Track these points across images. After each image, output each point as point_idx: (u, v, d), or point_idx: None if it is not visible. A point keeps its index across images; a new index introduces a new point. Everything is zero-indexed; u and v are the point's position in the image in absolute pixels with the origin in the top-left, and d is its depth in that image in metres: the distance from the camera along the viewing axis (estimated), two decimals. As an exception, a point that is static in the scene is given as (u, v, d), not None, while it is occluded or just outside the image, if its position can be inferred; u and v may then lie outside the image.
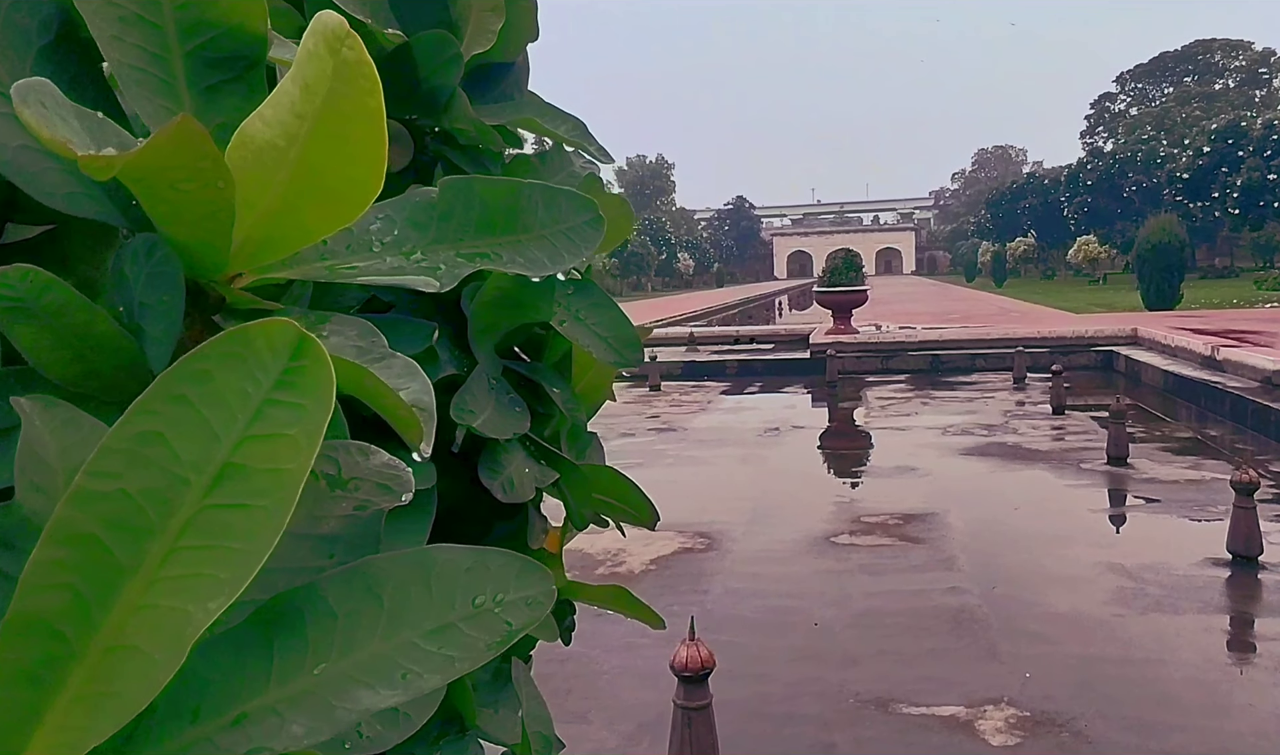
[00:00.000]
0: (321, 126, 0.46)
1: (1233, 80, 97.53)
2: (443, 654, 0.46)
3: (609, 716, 4.44)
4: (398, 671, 0.45)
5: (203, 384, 0.39)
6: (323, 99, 0.46)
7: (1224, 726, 4.13)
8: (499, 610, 0.48)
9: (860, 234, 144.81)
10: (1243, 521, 6.15)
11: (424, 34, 0.75)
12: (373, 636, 0.46)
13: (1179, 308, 26.18)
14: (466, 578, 0.49)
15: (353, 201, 0.49)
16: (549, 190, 0.65)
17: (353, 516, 0.52)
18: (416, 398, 0.49)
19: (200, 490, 0.39)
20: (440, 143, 0.83)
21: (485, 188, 0.62)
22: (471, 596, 0.48)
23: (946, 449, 10.29)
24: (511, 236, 0.62)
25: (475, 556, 0.49)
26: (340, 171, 0.48)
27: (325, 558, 0.49)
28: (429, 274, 0.55)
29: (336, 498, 0.53)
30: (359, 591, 0.47)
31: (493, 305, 0.78)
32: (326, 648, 0.45)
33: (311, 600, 0.46)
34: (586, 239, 0.64)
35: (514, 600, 0.49)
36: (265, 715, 0.42)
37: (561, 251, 0.64)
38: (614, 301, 0.86)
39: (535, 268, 0.62)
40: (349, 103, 0.46)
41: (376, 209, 0.59)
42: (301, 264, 0.54)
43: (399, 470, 0.54)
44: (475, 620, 0.47)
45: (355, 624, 0.46)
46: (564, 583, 1.02)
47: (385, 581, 0.47)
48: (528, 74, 0.91)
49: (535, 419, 0.86)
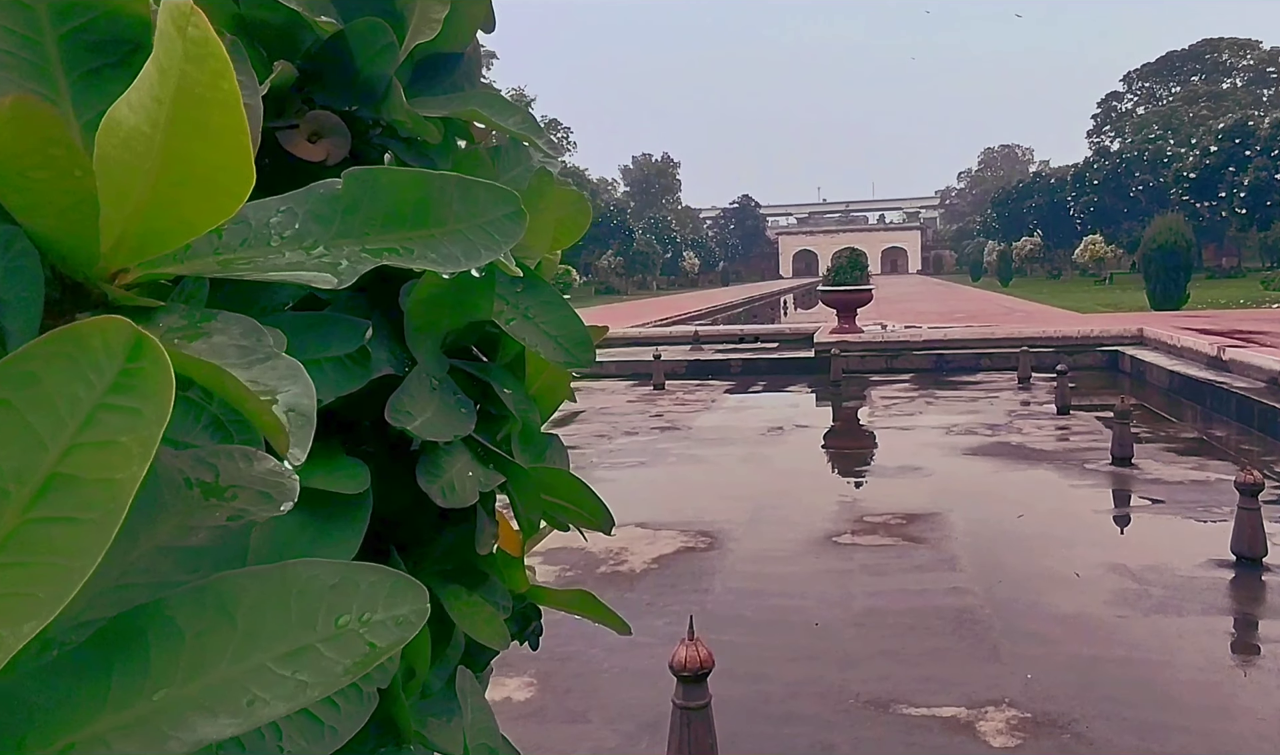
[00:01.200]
0: (179, 111, 0.44)
1: (1240, 79, 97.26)
2: (295, 679, 0.43)
3: (609, 715, 4.42)
4: (243, 698, 0.42)
5: (28, 387, 0.37)
6: (176, 81, 0.43)
7: (1227, 728, 4.10)
8: (364, 631, 0.45)
9: (866, 233, 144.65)
10: (1247, 523, 6.12)
11: (358, 21, 0.73)
12: (222, 659, 0.43)
13: (1186, 308, 26.10)
14: (331, 595, 0.46)
15: (228, 192, 0.47)
16: (465, 182, 0.62)
17: (225, 528, 0.50)
18: (295, 401, 0.46)
19: (21, 503, 0.35)
20: (385, 136, 0.81)
21: (393, 179, 0.59)
22: (335, 615, 0.45)
23: (950, 449, 10.25)
24: (424, 231, 0.59)
25: (344, 572, 0.47)
26: (206, 159, 0.45)
27: (191, 572, 0.47)
28: (328, 270, 0.53)
29: (210, 507, 0.50)
30: (210, 610, 0.44)
31: (430, 303, 0.75)
32: (170, 671, 0.42)
33: (158, 620, 0.43)
34: (507, 233, 0.61)
35: (382, 620, 0.46)
36: (94, 746, 0.39)
37: (479, 246, 0.60)
38: (565, 300, 0.84)
39: (449, 263, 0.58)
40: (202, 86, 0.43)
41: (278, 201, 0.57)
42: (192, 259, 0.51)
43: (284, 477, 0.51)
44: (336, 642, 0.44)
45: (204, 645, 0.43)
46: (528, 586, 1.00)
47: (240, 599, 0.44)
48: (479, 65, 0.89)
49: (487, 420, 0.84)
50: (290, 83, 0.74)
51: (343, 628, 0.44)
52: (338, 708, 0.55)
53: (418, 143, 0.81)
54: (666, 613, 5.62)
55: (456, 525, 0.83)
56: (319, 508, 0.68)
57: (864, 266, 20.52)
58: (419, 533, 0.82)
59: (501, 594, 0.89)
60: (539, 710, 4.48)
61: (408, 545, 0.82)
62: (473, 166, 0.85)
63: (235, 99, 0.42)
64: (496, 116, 0.82)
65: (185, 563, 0.48)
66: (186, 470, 0.49)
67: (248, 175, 0.45)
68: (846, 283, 19.96)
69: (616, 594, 5.96)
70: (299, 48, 0.74)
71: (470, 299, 0.77)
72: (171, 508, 0.44)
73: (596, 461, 10.27)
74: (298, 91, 0.75)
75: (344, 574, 0.45)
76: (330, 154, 0.74)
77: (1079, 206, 72.63)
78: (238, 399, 0.44)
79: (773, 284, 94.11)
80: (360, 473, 0.69)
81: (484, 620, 0.83)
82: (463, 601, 0.83)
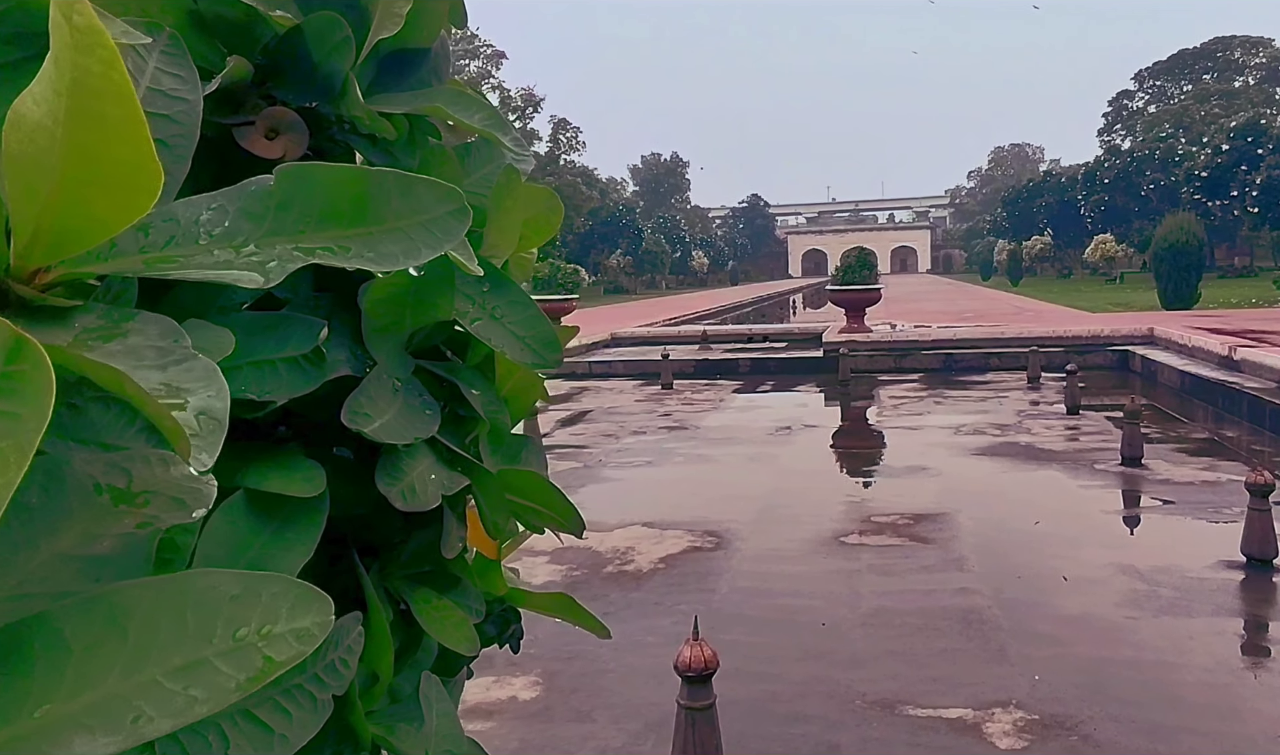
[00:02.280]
0: (76, 103, 0.42)
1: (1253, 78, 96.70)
2: (186, 694, 0.41)
3: (615, 715, 4.41)
4: (129, 715, 0.40)
5: (-103, 392, 0.35)
6: (70, 72, 0.41)
7: (1236, 730, 4.07)
8: (262, 644, 0.43)
9: (875, 232, 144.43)
10: (1258, 524, 6.07)
11: (314, 16, 0.71)
12: (110, 674, 0.41)
13: (1197, 307, 25.98)
14: (231, 607, 0.44)
15: (138, 188, 0.45)
16: (405, 179, 0.60)
17: (132, 535, 0.48)
18: (207, 404, 0.45)
19: (-111, 511, 0.34)
20: (347, 132, 0.79)
21: (329, 175, 0.57)
22: (234, 628, 0.43)
23: (959, 449, 10.22)
24: (361, 228, 0.57)
25: (245, 583, 0.45)
26: (109, 153, 0.43)
27: (93, 581, 0.45)
28: (256, 269, 0.51)
29: (120, 514, 0.48)
30: (101, 622, 0.42)
31: (388, 303, 0.74)
32: (54, 686, 0.40)
33: (44, 632, 0.41)
34: (448, 230, 0.59)
35: (282, 633, 0.44)
36: (-33, 766, 0.37)
37: (419, 245, 0.59)
38: (532, 299, 0.82)
39: (387, 262, 0.57)
40: (95, 77, 0.41)
41: (209, 198, 0.55)
42: (116, 257, 0.50)
43: (200, 483, 0.50)
44: (232, 656, 0.43)
45: (92, 659, 0.41)
46: (506, 589, 0.98)
47: (134, 611, 0.42)
48: (447, 61, 0.87)
49: (456, 422, 0.82)
50: (247, 78, 0.72)
51: (241, 641, 0.42)
52: (289, 715, 0.53)
53: (381, 139, 0.79)
54: (673, 612, 5.61)
55: (425, 528, 0.82)
56: (275, 511, 0.66)
57: (873, 266, 20.48)
58: (388, 535, 0.81)
59: (475, 598, 0.88)
60: (545, 709, 4.47)
61: (377, 548, 0.81)
62: (440, 163, 0.83)
63: (128, 90, 0.41)
64: (459, 113, 0.80)
65: (88, 571, 0.46)
66: (99, 475, 0.47)
67: (154, 170, 0.44)
68: (855, 282, 19.92)
69: (623, 593, 5.95)
70: (257, 43, 0.73)
71: (429, 298, 0.75)
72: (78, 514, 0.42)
73: (604, 461, 10.26)
74: (257, 87, 0.74)
75: (246, 584, 0.44)
76: (288, 151, 0.73)
77: (1089, 205, 72.36)
78: (138, 402, 0.43)
79: (782, 283, 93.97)
80: (316, 476, 0.68)
81: (453, 625, 0.82)
82: (432, 606, 0.81)
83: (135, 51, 0.58)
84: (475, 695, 4.57)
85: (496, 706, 4.48)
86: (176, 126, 0.59)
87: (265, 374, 0.64)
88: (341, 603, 0.77)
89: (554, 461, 10.20)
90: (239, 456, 0.65)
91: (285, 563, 0.63)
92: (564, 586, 6.06)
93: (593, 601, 5.85)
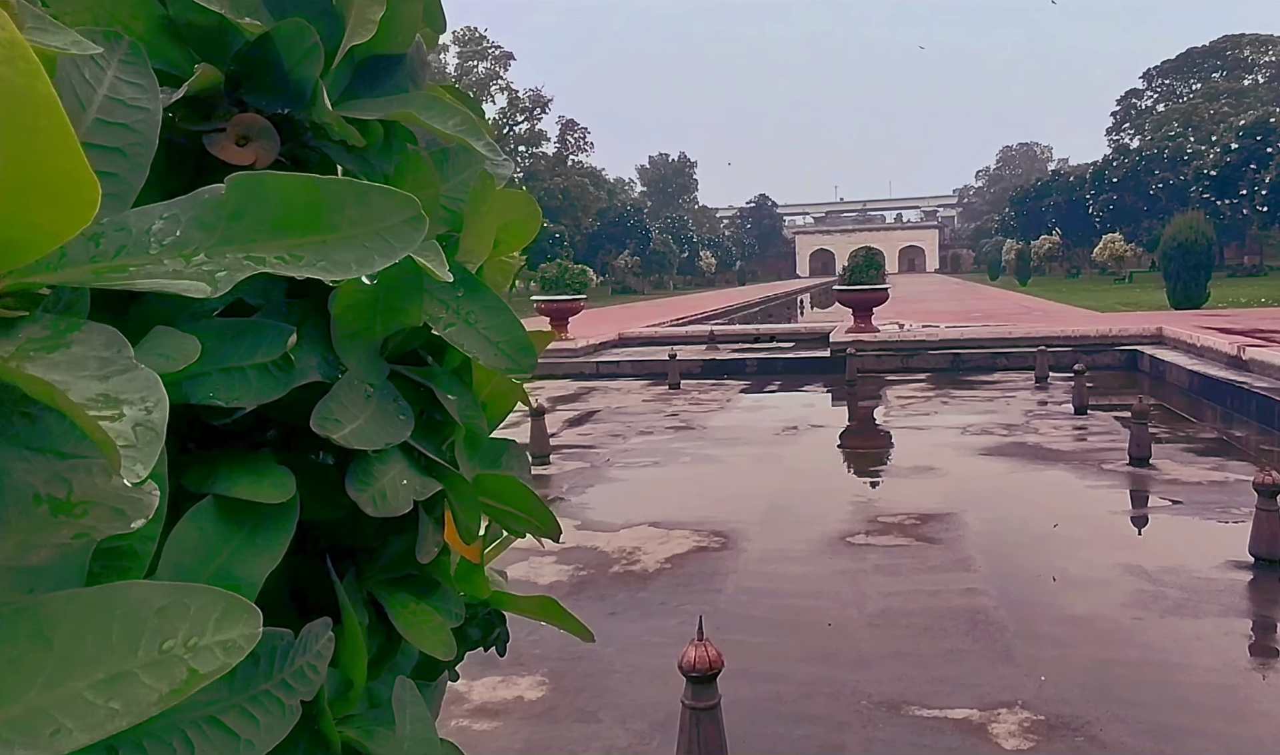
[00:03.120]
0: (5, 115, 0.41)
1: (1262, 76, 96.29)
2: (107, 707, 0.41)
3: (621, 715, 4.40)
4: (48, 728, 0.40)
5: None
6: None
7: (1243, 732, 4.05)
8: (188, 656, 0.43)
9: (883, 232, 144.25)
10: (1265, 524, 6.04)
11: (284, 24, 0.71)
12: (32, 687, 0.40)
13: (1206, 306, 25.87)
14: (157, 619, 0.43)
15: (76, 198, 0.44)
16: (360, 187, 0.60)
17: (68, 545, 0.48)
18: (143, 416, 0.44)
19: None
20: (320, 139, 0.79)
21: (281, 184, 0.57)
22: (161, 640, 0.43)
23: (966, 449, 10.19)
24: (314, 236, 0.56)
25: (173, 595, 0.44)
26: (43, 163, 0.43)
27: (27, 592, 0.45)
28: (205, 279, 0.51)
29: (58, 524, 0.48)
30: (24, 635, 0.41)
31: (356, 309, 0.74)
32: None
33: None
34: (404, 238, 0.59)
35: (209, 644, 0.44)
36: (-117, 785, 0.37)
37: (373, 253, 0.58)
38: (507, 305, 0.82)
39: (339, 271, 0.56)
40: (19, 88, 0.40)
41: (162, 207, 0.54)
42: (66, 267, 0.50)
43: (142, 494, 0.50)
44: (157, 668, 0.42)
45: (15, 672, 0.40)
46: (489, 593, 0.98)
47: (59, 623, 0.42)
48: (423, 66, 0.87)
49: (432, 427, 0.82)
50: (218, 85, 0.72)
51: (167, 653, 0.42)
52: (255, 721, 0.53)
53: (356, 147, 0.79)
54: (679, 612, 5.61)
55: (402, 533, 0.82)
56: (244, 517, 0.66)
57: (880, 266, 20.46)
58: (365, 540, 0.81)
59: (454, 602, 0.87)
60: (550, 709, 4.47)
61: (355, 552, 0.81)
62: (416, 169, 0.83)
63: (53, 101, 0.41)
64: (433, 119, 0.80)
65: (21, 582, 0.46)
66: (40, 486, 0.47)
67: (89, 180, 0.44)
68: (863, 282, 19.90)
69: (629, 593, 5.95)
70: (228, 50, 0.73)
71: (398, 304, 0.75)
72: (15, 524, 0.42)
73: (611, 461, 10.26)
74: (229, 94, 0.74)
75: (174, 596, 0.43)
76: (259, 157, 0.73)
77: (1098, 205, 72.14)
78: (68, 414, 0.43)
79: (789, 283, 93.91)
80: (285, 481, 0.68)
81: (430, 629, 0.81)
82: (409, 610, 0.81)
83: (94, 61, 0.58)
84: (481, 695, 4.57)
85: (502, 706, 4.48)
86: (134, 135, 0.59)
87: (234, 380, 0.64)
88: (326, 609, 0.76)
89: (561, 461, 10.21)
90: (208, 463, 0.65)
91: (254, 568, 0.63)
92: (570, 586, 6.06)
93: (599, 601, 5.86)
